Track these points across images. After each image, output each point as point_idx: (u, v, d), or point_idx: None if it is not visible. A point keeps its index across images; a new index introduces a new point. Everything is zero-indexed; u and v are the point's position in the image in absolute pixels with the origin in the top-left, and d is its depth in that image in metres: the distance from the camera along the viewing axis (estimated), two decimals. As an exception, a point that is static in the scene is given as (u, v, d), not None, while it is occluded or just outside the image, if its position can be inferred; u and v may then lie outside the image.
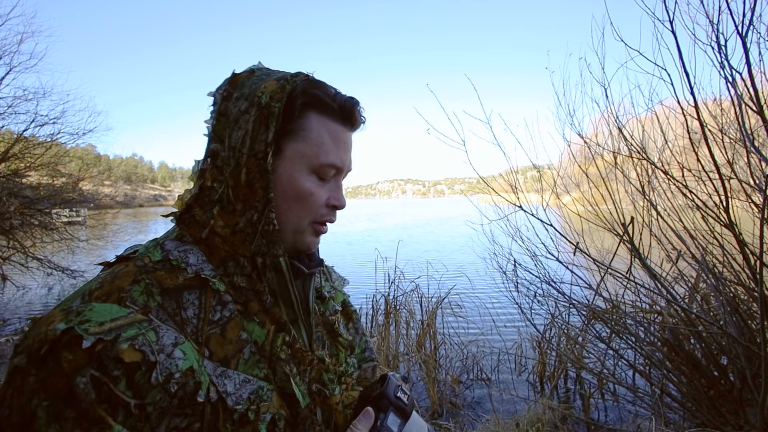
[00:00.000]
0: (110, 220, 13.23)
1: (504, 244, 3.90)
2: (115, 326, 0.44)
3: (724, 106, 2.44)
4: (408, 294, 4.70)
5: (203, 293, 0.52)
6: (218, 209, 0.56)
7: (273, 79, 0.57)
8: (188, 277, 0.52)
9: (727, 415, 2.38)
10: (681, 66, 2.08)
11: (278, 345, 0.56)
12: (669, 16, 2.10)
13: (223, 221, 0.56)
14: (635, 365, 3.14)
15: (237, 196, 0.55)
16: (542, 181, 3.63)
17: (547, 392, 4.03)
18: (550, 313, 3.88)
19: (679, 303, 2.75)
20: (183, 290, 0.51)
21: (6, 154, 8.32)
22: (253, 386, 0.51)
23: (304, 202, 0.58)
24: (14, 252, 8.58)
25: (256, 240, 0.56)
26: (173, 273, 0.52)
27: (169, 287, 0.50)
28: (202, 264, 0.54)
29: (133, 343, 0.43)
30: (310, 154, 0.57)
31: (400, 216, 42.51)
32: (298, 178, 0.57)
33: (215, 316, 0.52)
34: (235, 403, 0.49)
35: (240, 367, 0.52)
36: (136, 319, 0.45)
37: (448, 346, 4.48)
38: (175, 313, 0.49)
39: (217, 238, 0.56)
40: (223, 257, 0.56)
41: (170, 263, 0.53)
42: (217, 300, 0.53)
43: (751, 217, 2.19)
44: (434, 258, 5.65)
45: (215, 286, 0.53)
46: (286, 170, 0.57)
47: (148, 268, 0.51)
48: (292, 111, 0.56)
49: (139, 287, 0.49)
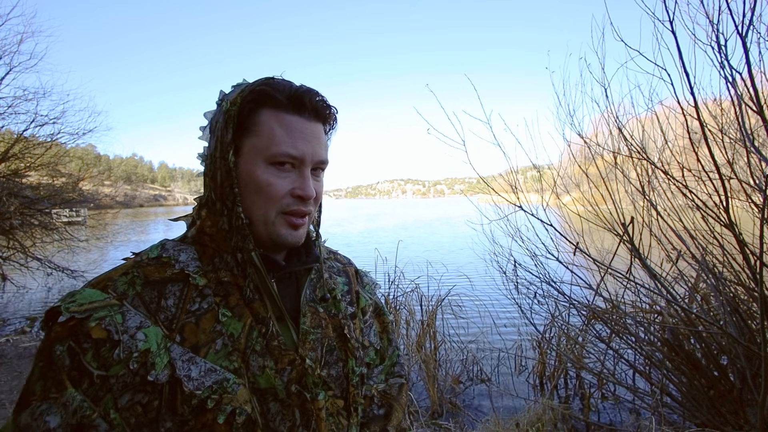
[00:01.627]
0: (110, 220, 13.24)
1: (504, 245, 3.90)
2: (91, 308, 0.52)
3: (724, 106, 2.44)
4: (408, 294, 4.70)
5: (185, 286, 0.57)
6: (206, 211, 0.63)
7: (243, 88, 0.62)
8: (174, 272, 0.58)
9: (727, 415, 2.38)
10: (681, 66, 2.08)
11: (253, 338, 0.58)
12: (669, 16, 2.10)
13: (210, 221, 0.62)
14: (635, 365, 3.13)
15: (217, 196, 0.61)
16: (542, 181, 3.62)
17: (547, 392, 4.03)
18: (550, 313, 3.88)
19: (679, 303, 2.75)
20: (167, 282, 0.57)
21: (6, 154, 8.31)
22: (218, 376, 0.54)
23: (264, 193, 0.60)
24: (14, 252, 8.57)
25: (234, 236, 0.60)
26: (162, 268, 0.58)
27: (154, 279, 0.57)
28: (189, 261, 0.60)
29: (101, 322, 0.51)
30: (263, 147, 0.59)
31: (400, 216, 42.49)
32: (254, 170, 0.59)
33: (193, 307, 0.56)
34: (195, 388, 0.52)
35: (209, 356, 0.55)
36: (108, 303, 0.53)
37: (448, 346, 4.48)
38: (151, 301, 0.55)
39: (206, 237, 0.62)
40: (211, 255, 0.61)
41: (161, 260, 0.59)
42: (197, 293, 0.57)
43: (751, 217, 2.18)
44: (434, 258, 5.64)
45: (195, 281, 0.58)
46: (245, 166, 0.60)
47: (143, 263, 0.58)
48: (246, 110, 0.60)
49: (126, 278, 0.56)
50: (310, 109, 0.61)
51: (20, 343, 5.26)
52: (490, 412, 3.57)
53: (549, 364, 4.20)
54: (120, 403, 0.50)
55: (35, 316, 6.95)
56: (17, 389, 3.87)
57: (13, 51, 8.34)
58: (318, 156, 0.62)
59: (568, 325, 3.91)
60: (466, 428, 3.31)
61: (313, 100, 0.61)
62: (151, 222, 30.62)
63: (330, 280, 0.73)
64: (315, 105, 0.62)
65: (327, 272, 0.73)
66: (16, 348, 5.06)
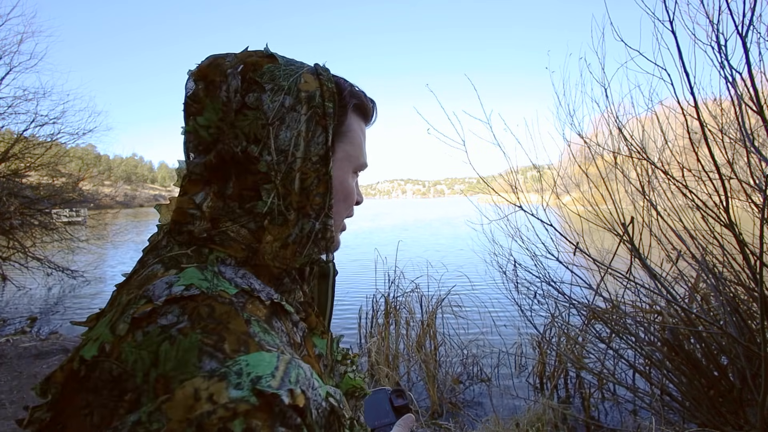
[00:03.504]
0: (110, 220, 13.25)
1: (504, 244, 3.90)
2: (283, 374, 0.38)
3: (724, 106, 2.44)
4: (408, 294, 4.70)
5: (279, 318, 0.48)
6: (267, 222, 0.49)
7: (307, 72, 0.51)
8: (266, 305, 0.47)
9: (727, 415, 2.38)
10: (681, 66, 2.08)
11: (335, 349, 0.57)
12: (669, 16, 2.11)
13: (272, 235, 0.50)
14: (635, 365, 3.14)
15: (290, 205, 0.50)
16: (542, 181, 3.63)
17: (547, 392, 4.03)
18: (550, 313, 3.88)
19: (679, 303, 2.75)
20: (271, 319, 0.46)
21: (6, 154, 8.32)
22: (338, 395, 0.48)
23: (349, 201, 0.58)
24: (14, 252, 8.58)
25: (307, 249, 0.52)
26: (255, 303, 0.45)
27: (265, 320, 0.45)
28: (265, 288, 0.48)
29: (300, 385, 0.38)
30: (355, 156, 0.57)
31: (400, 216, 42.52)
32: (346, 179, 0.56)
33: (298, 338, 0.49)
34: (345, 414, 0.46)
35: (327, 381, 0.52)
36: (287, 360, 0.39)
37: (448, 346, 4.49)
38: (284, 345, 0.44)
39: (267, 255, 0.50)
40: (276, 275, 0.51)
41: (246, 293, 0.45)
42: (291, 322, 0.50)
43: (751, 217, 2.18)
44: (434, 258, 5.64)
45: (287, 308, 0.49)
46: (338, 173, 0.54)
47: (238, 305, 0.43)
48: (344, 111, 0.54)
49: (257, 327, 0.42)
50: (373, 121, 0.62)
51: (20, 343, 5.26)
52: (490, 412, 3.57)
53: (549, 364, 4.20)
54: None
55: (35, 316, 6.95)
56: (17, 389, 3.87)
57: (13, 51, 8.37)
58: None
59: (568, 325, 3.91)
60: (466, 428, 3.31)
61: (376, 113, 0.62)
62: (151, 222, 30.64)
63: None
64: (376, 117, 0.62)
65: None
66: (16, 348, 5.06)
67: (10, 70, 8.36)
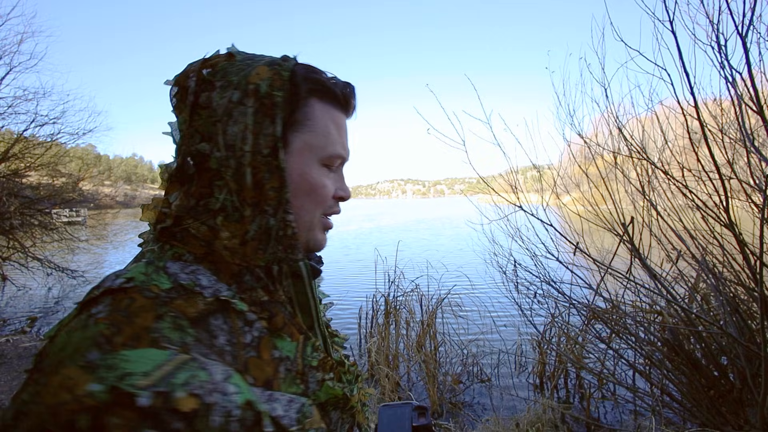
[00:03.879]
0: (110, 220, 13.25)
1: (504, 244, 3.91)
2: (165, 374, 0.37)
3: (724, 106, 2.44)
4: (408, 294, 4.70)
5: (227, 316, 0.46)
6: (222, 218, 0.49)
7: (262, 65, 0.51)
8: (208, 302, 0.45)
9: (727, 415, 2.38)
10: (681, 66, 2.08)
11: (309, 354, 0.52)
12: (669, 16, 2.10)
13: (229, 231, 0.49)
14: (635, 365, 3.13)
15: (244, 200, 0.49)
16: (542, 181, 3.63)
17: (547, 392, 4.03)
18: (550, 313, 3.88)
19: (679, 303, 2.75)
20: (208, 317, 0.45)
21: (6, 154, 8.32)
22: (297, 404, 0.48)
23: (317, 195, 0.54)
24: (14, 252, 8.58)
25: (270, 247, 0.51)
26: (191, 299, 0.45)
27: (194, 317, 0.43)
28: (216, 284, 0.48)
29: (188, 388, 0.37)
30: (319, 145, 0.53)
31: (401, 216, 42.51)
32: (309, 172, 0.53)
33: (246, 339, 0.47)
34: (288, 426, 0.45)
35: (282, 387, 0.48)
36: (182, 360, 0.38)
37: (448, 346, 4.49)
38: (211, 344, 0.43)
39: (225, 251, 0.50)
40: (236, 272, 0.50)
41: (184, 288, 0.45)
42: (243, 321, 0.47)
43: (751, 217, 2.18)
44: (434, 258, 5.64)
45: (238, 306, 0.47)
46: (296, 165, 0.52)
47: (163, 298, 0.43)
48: (297, 99, 0.52)
49: (166, 323, 0.41)
50: (353, 108, 0.58)
51: (20, 343, 5.26)
52: (490, 412, 3.57)
53: (549, 364, 4.20)
54: None
55: (35, 316, 6.95)
56: (17, 389, 3.87)
57: (13, 51, 8.38)
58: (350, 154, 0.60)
59: (568, 325, 3.91)
60: (466, 428, 3.31)
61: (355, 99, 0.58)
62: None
63: None
64: (355, 103, 0.59)
65: None
66: (16, 348, 5.06)
67: (10, 70, 8.37)
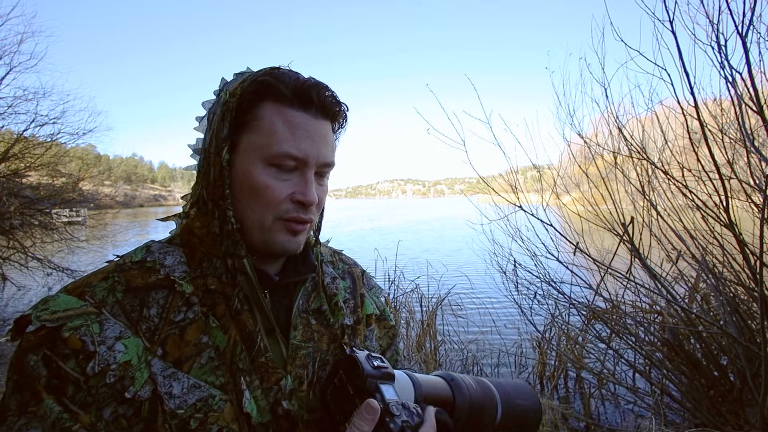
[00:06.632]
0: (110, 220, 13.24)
1: (504, 244, 3.90)
2: (65, 316, 0.47)
3: (724, 106, 2.44)
4: (408, 294, 4.70)
5: (171, 294, 0.52)
6: (195, 210, 0.57)
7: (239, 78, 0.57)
8: (159, 278, 0.53)
9: (727, 415, 2.38)
10: (681, 66, 2.08)
11: (237, 354, 0.52)
12: (669, 16, 2.10)
13: (200, 222, 0.57)
14: (635, 365, 3.13)
15: (208, 196, 0.56)
16: (542, 181, 3.63)
17: (547, 392, 4.02)
18: (550, 313, 3.88)
19: (679, 303, 2.75)
20: (151, 289, 0.52)
21: (6, 154, 8.31)
22: (203, 393, 0.49)
23: (261, 196, 0.54)
24: (14, 252, 8.57)
25: (225, 241, 0.55)
26: (146, 273, 0.53)
27: (137, 286, 0.52)
28: (176, 266, 0.54)
29: (76, 332, 0.46)
30: (263, 144, 0.53)
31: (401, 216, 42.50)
32: (251, 171, 0.54)
33: (177, 317, 0.51)
34: (177, 407, 0.47)
35: (194, 371, 0.49)
36: (85, 311, 0.48)
37: (448, 346, 4.48)
38: (133, 310, 0.50)
39: (195, 239, 0.57)
40: (200, 258, 0.55)
41: (145, 264, 0.54)
42: (183, 302, 0.52)
43: (751, 217, 2.18)
44: (434, 258, 5.64)
45: (181, 288, 0.53)
46: (241, 164, 0.54)
47: (125, 267, 0.53)
48: (248, 102, 0.54)
49: (106, 284, 0.51)
50: (317, 105, 0.55)
51: (20, 343, 5.26)
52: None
53: (549, 364, 4.20)
54: (104, 415, 0.46)
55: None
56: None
57: (13, 51, 8.36)
58: (323, 158, 0.56)
59: (568, 325, 3.91)
60: (466, 428, 3.30)
61: (322, 95, 0.55)
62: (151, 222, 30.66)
63: (332, 284, 0.67)
64: (323, 101, 0.55)
65: (328, 276, 0.67)
66: (16, 348, 5.06)
67: (10, 70, 8.36)
